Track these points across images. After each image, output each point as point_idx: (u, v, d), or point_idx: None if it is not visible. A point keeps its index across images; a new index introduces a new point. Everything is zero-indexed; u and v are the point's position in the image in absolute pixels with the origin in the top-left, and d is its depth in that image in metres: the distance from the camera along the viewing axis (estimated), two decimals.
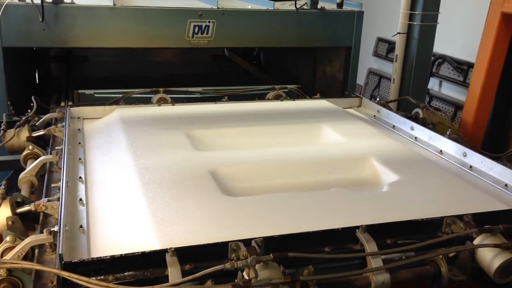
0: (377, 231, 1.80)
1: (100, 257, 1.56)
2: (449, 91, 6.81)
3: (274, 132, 2.96)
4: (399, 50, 4.38)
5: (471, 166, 2.63)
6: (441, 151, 2.84)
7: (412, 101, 3.54)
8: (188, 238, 1.75)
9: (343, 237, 1.81)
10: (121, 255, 1.56)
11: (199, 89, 3.90)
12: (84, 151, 2.61)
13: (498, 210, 2.02)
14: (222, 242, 1.66)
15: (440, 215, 1.93)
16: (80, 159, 2.48)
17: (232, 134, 2.87)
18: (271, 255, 1.56)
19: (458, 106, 6.35)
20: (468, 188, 2.30)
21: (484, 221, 1.92)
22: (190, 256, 1.63)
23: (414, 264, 1.76)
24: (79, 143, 2.70)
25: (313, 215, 2.00)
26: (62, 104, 3.75)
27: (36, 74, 5.35)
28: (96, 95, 3.75)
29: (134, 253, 1.57)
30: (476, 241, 1.81)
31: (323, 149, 2.77)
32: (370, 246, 1.74)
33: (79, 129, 2.92)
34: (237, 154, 2.56)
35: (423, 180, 2.36)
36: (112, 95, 3.62)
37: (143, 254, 1.58)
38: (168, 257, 1.57)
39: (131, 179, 2.19)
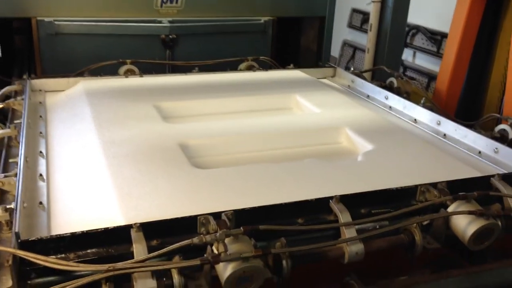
0: (351, 201, 1.76)
1: (59, 234, 1.47)
2: (423, 61, 6.80)
3: (246, 103, 2.88)
4: (373, 19, 4.29)
5: (445, 134, 2.60)
6: (415, 120, 2.81)
7: (387, 70, 3.49)
8: (156, 213, 1.67)
9: (317, 208, 1.76)
10: (82, 231, 1.48)
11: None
12: (46, 124, 2.48)
13: (472, 177, 1.99)
14: (190, 216, 1.59)
15: (415, 184, 1.89)
16: (41, 133, 2.36)
17: (202, 106, 2.78)
18: (241, 228, 1.49)
19: (431, 77, 6.35)
20: (442, 156, 2.27)
21: (458, 188, 1.89)
22: (156, 231, 1.55)
23: (388, 233, 1.73)
24: (40, 116, 2.57)
25: (286, 186, 1.93)
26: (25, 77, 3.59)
27: None
28: (56, 22, 3.52)
29: (97, 229, 1.49)
30: (450, 209, 1.78)
31: (296, 119, 2.70)
32: (344, 217, 1.69)
33: (40, 102, 2.78)
34: (207, 126, 2.47)
35: (398, 149, 2.32)
36: (76, 22, 3.49)
37: (106, 231, 1.50)
38: (133, 233, 1.49)
39: (96, 153, 2.09)
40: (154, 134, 2.30)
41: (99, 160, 2.02)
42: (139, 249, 1.45)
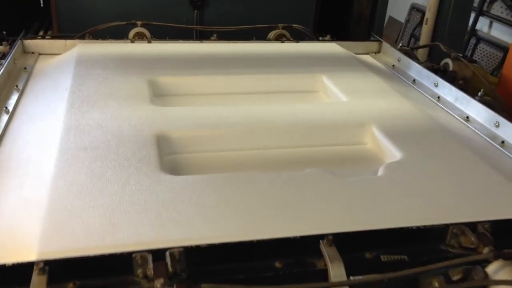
0: (348, 242, 1.30)
1: None
2: (500, 33, 5.97)
3: (260, 83, 2.40)
4: None
5: (503, 142, 2.02)
6: (467, 117, 2.23)
7: (442, 48, 2.88)
8: (86, 242, 1.27)
9: (303, 249, 1.31)
10: None
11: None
12: (19, 97, 2.13)
13: None
14: (122, 253, 1.19)
15: (448, 220, 1.40)
16: (6, 108, 2.01)
17: (206, 84, 2.33)
18: (174, 285, 1.08)
19: (507, 51, 5.53)
20: (493, 178, 1.70)
21: (506, 232, 1.38)
22: (74, 271, 1.17)
23: None
24: (16, 86, 2.22)
25: (272, 210, 1.45)
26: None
27: None
28: None
29: None
30: (490, 268, 1.27)
31: (313, 109, 2.16)
32: (334, 269, 1.23)
33: (25, 68, 2.43)
34: (200, 112, 2.01)
35: (433, 163, 1.76)
36: None
37: (2, 269, 1.13)
38: (34, 276, 1.11)
39: (52, 142, 1.71)
40: (132, 120, 1.88)
41: (51, 153, 1.65)
42: None
